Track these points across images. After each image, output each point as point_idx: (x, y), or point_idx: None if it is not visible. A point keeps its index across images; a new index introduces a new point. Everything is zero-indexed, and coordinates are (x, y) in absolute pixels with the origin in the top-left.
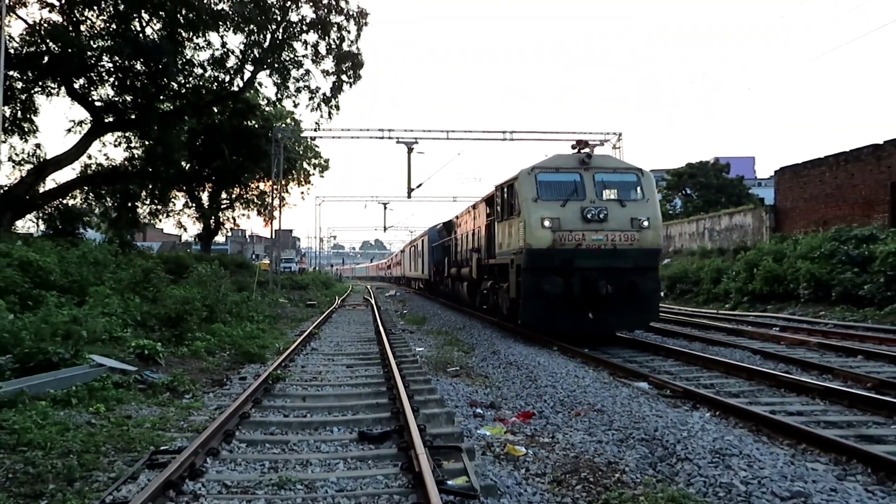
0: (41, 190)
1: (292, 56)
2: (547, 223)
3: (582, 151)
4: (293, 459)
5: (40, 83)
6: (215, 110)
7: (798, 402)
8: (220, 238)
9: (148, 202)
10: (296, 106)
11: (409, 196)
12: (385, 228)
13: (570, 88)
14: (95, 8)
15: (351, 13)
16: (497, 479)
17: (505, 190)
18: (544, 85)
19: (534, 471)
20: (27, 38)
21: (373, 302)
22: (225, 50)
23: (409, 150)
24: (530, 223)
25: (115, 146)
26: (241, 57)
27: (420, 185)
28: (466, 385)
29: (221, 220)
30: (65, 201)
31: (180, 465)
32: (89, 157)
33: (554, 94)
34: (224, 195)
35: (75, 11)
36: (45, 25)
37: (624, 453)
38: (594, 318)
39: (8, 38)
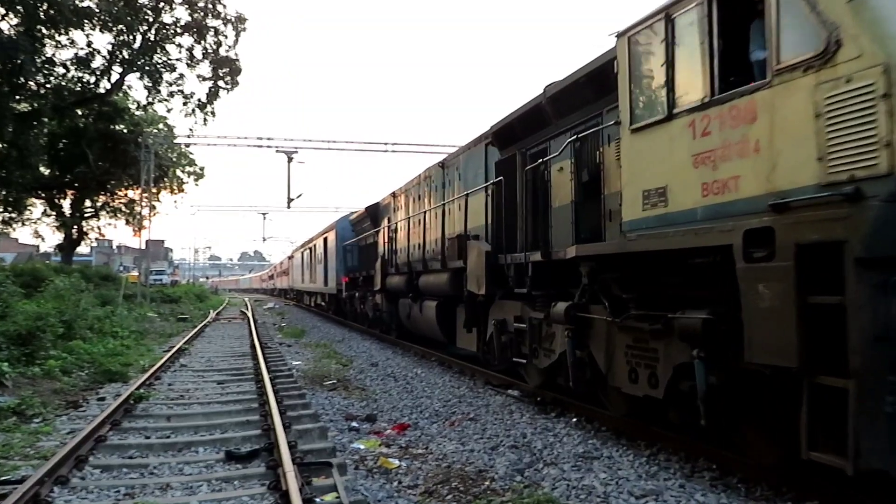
0: None
1: (165, 59)
2: None
3: None
4: (152, 484)
5: None
6: (79, 113)
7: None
8: (84, 249)
9: (0, 210)
10: (169, 111)
11: (288, 206)
12: (264, 239)
13: (453, 101)
14: None
15: (228, 18)
16: (368, 493)
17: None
18: (427, 98)
19: (406, 483)
20: None
21: (250, 315)
22: (91, 49)
23: (289, 160)
24: None
25: None
26: (108, 57)
27: (300, 195)
28: (343, 398)
29: (85, 229)
30: None
31: (22, 497)
32: None
33: (437, 107)
34: (88, 203)
35: None
36: None
37: (494, 460)
38: None
39: None
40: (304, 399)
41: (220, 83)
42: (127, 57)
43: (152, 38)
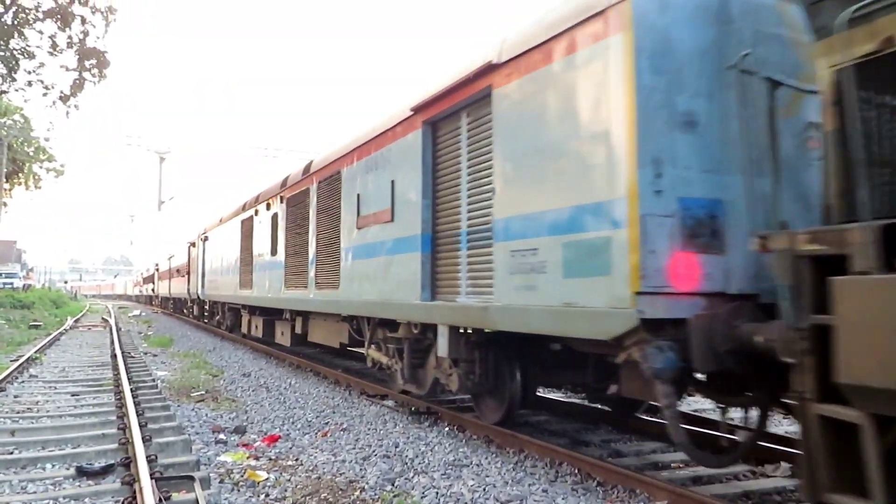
0: None
1: (24, 45)
2: None
3: None
4: None
5: None
6: None
7: (528, 412)
8: None
9: None
10: (26, 101)
11: (159, 209)
12: (131, 242)
13: (325, 109)
14: None
15: (97, 7)
16: None
17: None
18: (304, 103)
19: (274, 495)
20: None
21: (112, 323)
22: None
23: (161, 160)
24: None
25: None
26: None
27: (172, 198)
28: (211, 410)
29: None
30: None
31: None
32: None
33: (312, 112)
34: None
35: None
36: None
37: (365, 471)
38: None
39: None
40: (168, 411)
41: (86, 75)
42: None
43: (9, 22)
